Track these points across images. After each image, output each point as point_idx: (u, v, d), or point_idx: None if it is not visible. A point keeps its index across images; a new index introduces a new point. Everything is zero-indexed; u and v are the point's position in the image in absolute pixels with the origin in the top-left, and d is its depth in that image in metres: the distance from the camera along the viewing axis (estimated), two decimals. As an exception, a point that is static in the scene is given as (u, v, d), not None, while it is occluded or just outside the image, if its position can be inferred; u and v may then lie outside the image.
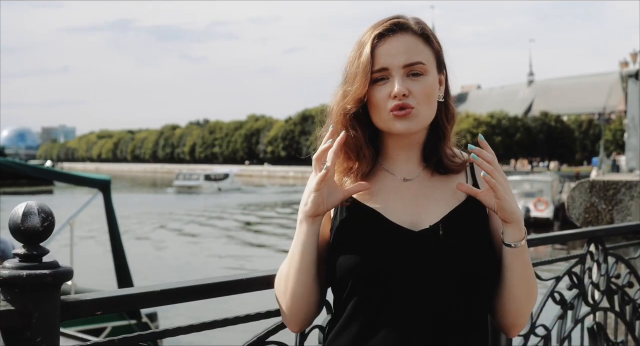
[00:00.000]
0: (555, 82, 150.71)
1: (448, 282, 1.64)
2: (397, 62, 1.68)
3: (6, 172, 10.84)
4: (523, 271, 1.70)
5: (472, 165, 1.81)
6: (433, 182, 1.77)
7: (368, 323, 1.65)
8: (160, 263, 21.97)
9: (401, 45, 1.69)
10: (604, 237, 3.24)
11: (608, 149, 74.05)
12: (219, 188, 67.73)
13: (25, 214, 1.39)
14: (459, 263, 1.64)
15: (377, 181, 1.76)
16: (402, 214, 1.70)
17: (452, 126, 1.80)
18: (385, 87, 1.69)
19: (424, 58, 1.70)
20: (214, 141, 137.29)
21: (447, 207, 1.72)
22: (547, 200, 35.50)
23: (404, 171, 1.77)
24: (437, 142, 1.78)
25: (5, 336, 1.39)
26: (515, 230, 1.66)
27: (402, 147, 1.77)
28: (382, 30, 1.70)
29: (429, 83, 1.70)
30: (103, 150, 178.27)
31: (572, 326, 3.04)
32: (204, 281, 1.76)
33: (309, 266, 1.69)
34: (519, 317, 1.75)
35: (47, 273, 1.38)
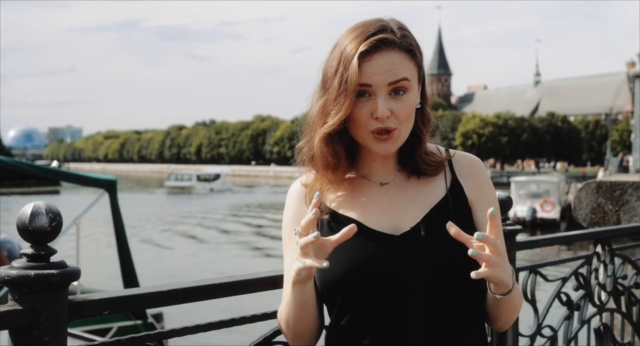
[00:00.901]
0: (562, 83, 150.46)
1: (436, 281, 1.63)
2: (382, 80, 1.63)
3: (13, 172, 10.87)
4: (508, 308, 1.68)
5: (450, 161, 1.78)
6: (410, 183, 1.74)
7: (362, 332, 1.64)
8: (162, 266, 21.99)
9: (386, 63, 1.63)
10: (610, 237, 3.24)
11: (615, 150, 73.82)
12: (210, 188, 67.00)
13: (33, 214, 1.39)
14: (444, 260, 1.63)
15: (354, 188, 1.74)
16: (382, 220, 1.69)
17: (428, 130, 1.76)
18: (367, 104, 1.64)
19: (408, 74, 1.65)
20: (220, 141, 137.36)
21: (427, 206, 1.70)
22: (553, 201, 35.44)
23: (379, 175, 1.75)
24: (413, 146, 1.74)
25: (13, 335, 1.39)
26: (499, 287, 1.60)
27: (379, 155, 1.73)
28: (368, 47, 1.63)
29: (410, 100, 1.66)
30: (109, 150, 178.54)
31: (578, 327, 3.04)
32: (211, 281, 1.77)
33: (309, 315, 1.68)
34: (506, 325, 1.77)
35: (54, 273, 1.38)
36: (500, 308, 1.67)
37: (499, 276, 1.53)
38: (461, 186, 1.74)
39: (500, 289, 1.60)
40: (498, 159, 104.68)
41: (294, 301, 1.65)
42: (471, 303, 1.69)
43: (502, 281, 1.56)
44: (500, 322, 1.74)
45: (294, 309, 1.67)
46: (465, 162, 1.79)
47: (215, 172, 73.95)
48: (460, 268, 1.62)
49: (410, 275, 1.62)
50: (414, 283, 1.62)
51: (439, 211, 1.69)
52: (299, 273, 1.58)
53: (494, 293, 1.62)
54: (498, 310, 1.69)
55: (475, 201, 1.74)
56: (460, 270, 1.62)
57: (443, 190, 1.73)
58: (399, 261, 1.62)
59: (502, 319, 1.72)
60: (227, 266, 21.71)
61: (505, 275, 1.55)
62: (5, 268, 1.39)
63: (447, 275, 1.63)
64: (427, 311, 1.62)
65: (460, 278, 1.63)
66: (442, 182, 1.74)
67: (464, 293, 1.66)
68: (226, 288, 1.79)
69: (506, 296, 1.62)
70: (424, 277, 1.62)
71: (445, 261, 1.63)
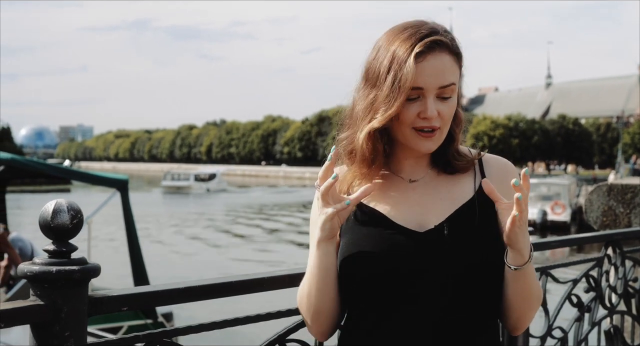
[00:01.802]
0: (573, 85, 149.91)
1: (454, 279, 1.66)
2: (433, 83, 1.66)
3: (26, 170, 10.92)
4: (522, 289, 1.69)
5: (481, 163, 1.81)
6: (439, 182, 1.77)
7: (377, 324, 1.67)
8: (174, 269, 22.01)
9: (439, 66, 1.67)
10: (621, 240, 3.25)
11: (626, 153, 73.50)
12: (207, 188, 66.11)
13: (55, 211, 1.42)
14: (464, 259, 1.65)
15: (384, 183, 1.77)
16: (408, 216, 1.72)
17: (461, 129, 1.80)
18: (415, 106, 1.67)
19: (455, 78, 1.70)
20: (231, 141, 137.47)
21: (453, 205, 1.73)
22: (564, 204, 35.33)
23: (410, 173, 1.78)
24: (446, 145, 1.77)
25: (35, 330, 1.42)
26: (516, 255, 1.63)
27: (412, 153, 1.77)
28: (423, 47, 1.66)
29: (453, 103, 1.71)
30: (120, 149, 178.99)
31: (589, 329, 3.05)
32: (227, 279, 1.80)
33: (330, 285, 1.71)
34: (520, 323, 1.77)
35: (76, 270, 1.41)
36: (516, 291, 1.69)
37: (518, 236, 1.58)
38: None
39: (517, 259, 1.63)
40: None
41: (319, 266, 1.69)
42: (486, 304, 1.71)
43: (520, 245, 1.60)
44: (515, 314, 1.74)
45: (317, 276, 1.69)
46: (497, 165, 1.82)
47: (210, 171, 73.13)
48: (479, 269, 1.66)
49: (429, 271, 1.65)
50: (432, 279, 1.65)
51: (465, 211, 1.71)
52: (324, 226, 1.64)
53: (510, 264, 1.64)
54: (514, 294, 1.69)
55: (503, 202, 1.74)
56: (478, 270, 1.66)
57: (471, 191, 1.76)
58: (421, 257, 1.65)
59: (517, 311, 1.72)
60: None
61: (524, 240, 1.60)
62: (27, 264, 1.42)
63: (466, 274, 1.66)
64: (443, 308, 1.65)
65: (477, 278, 1.66)
66: (471, 183, 1.77)
67: (480, 293, 1.68)
68: (242, 286, 1.82)
69: (522, 272, 1.64)
70: (442, 274, 1.65)
71: (465, 261, 1.66)
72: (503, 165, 1.82)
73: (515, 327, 1.79)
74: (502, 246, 1.67)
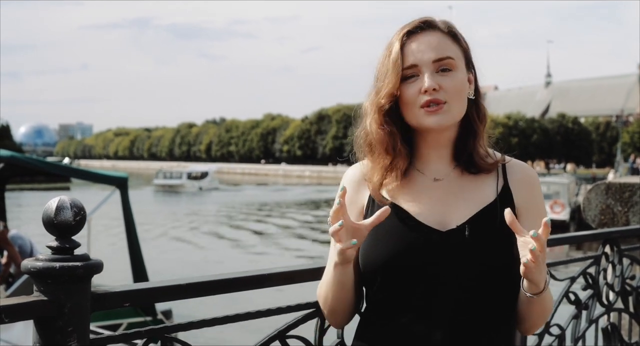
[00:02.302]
0: (573, 84, 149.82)
1: (471, 283, 1.70)
2: (426, 58, 1.72)
3: (25, 168, 10.92)
4: (536, 309, 1.74)
5: (504, 166, 1.84)
6: (463, 182, 1.80)
7: (394, 316, 1.72)
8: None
9: (430, 42, 1.73)
10: (619, 238, 3.26)
11: (625, 152, 73.48)
12: (200, 187, 65.11)
13: (58, 208, 1.44)
14: (482, 261, 1.70)
15: (409, 181, 1.80)
16: (431, 214, 1.75)
17: (484, 125, 1.83)
18: (416, 84, 1.72)
19: (453, 54, 1.74)
20: (230, 139, 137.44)
21: (475, 207, 1.76)
22: (563, 203, 35.33)
23: (434, 171, 1.81)
24: (468, 139, 1.80)
25: (39, 325, 1.44)
26: (531, 286, 1.67)
27: (433, 145, 1.80)
28: (411, 28, 1.74)
29: (458, 78, 1.74)
30: (120, 147, 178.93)
31: (586, 326, 3.06)
32: (227, 276, 1.81)
33: (346, 294, 1.79)
34: (531, 329, 1.84)
35: (79, 266, 1.43)
36: (530, 308, 1.74)
37: (534, 273, 1.60)
38: (511, 193, 1.80)
39: (532, 288, 1.66)
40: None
41: (334, 281, 1.76)
42: (501, 305, 1.75)
43: (535, 280, 1.63)
44: (527, 324, 1.80)
45: (333, 288, 1.78)
46: (520, 171, 1.85)
47: (203, 169, 72.24)
48: (496, 271, 1.70)
49: (448, 269, 1.69)
50: (451, 278, 1.69)
51: (486, 214, 1.75)
52: (337, 257, 1.69)
53: (525, 290, 1.68)
54: (528, 310, 1.75)
55: (523, 211, 1.79)
56: (495, 272, 1.70)
57: (493, 194, 1.78)
58: (440, 255, 1.70)
59: (530, 321, 1.79)
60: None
61: (540, 276, 1.62)
62: (31, 260, 1.44)
63: (483, 275, 1.70)
64: (459, 305, 1.69)
65: (493, 280, 1.71)
66: (494, 186, 1.80)
67: (495, 295, 1.72)
68: (243, 283, 1.84)
69: (536, 297, 1.68)
70: (460, 274, 1.69)
71: (483, 263, 1.70)
72: (527, 175, 1.85)
73: (527, 332, 1.86)
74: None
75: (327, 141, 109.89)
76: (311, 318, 1.95)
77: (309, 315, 1.95)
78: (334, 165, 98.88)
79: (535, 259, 1.55)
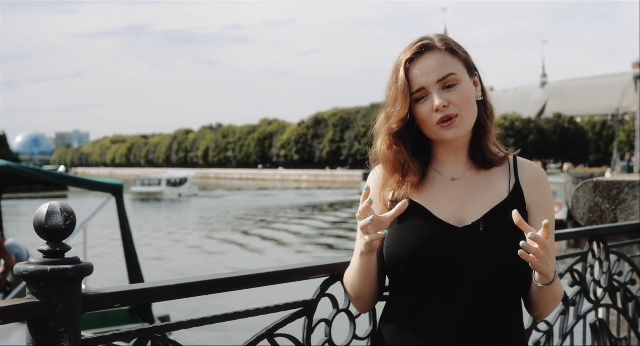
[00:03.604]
0: (568, 84, 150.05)
1: (486, 276, 1.85)
2: (431, 80, 1.88)
3: (21, 177, 10.96)
4: (547, 297, 1.92)
5: (515, 161, 2.01)
6: (478, 180, 1.96)
7: (415, 306, 1.88)
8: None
9: (431, 64, 1.89)
10: (605, 235, 3.32)
11: (622, 150, 73.65)
12: (179, 194, 62.82)
13: (49, 213, 1.49)
14: (497, 258, 1.85)
15: (428, 181, 1.96)
16: (448, 211, 1.91)
17: (492, 121, 2.01)
18: (427, 104, 1.88)
19: (454, 69, 1.90)
20: (227, 145, 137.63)
21: (490, 204, 1.91)
22: (560, 202, 35.38)
23: (452, 171, 1.97)
24: (481, 138, 1.97)
25: (31, 326, 1.49)
26: (542, 277, 1.84)
27: (451, 151, 1.96)
28: (411, 54, 1.90)
29: (464, 89, 1.89)
30: (117, 155, 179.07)
31: (574, 322, 3.11)
32: (217, 276, 1.87)
33: (371, 281, 1.96)
34: (543, 315, 2.04)
35: (69, 268, 1.48)
36: (541, 297, 1.92)
37: (541, 267, 1.78)
38: (522, 191, 1.96)
39: (542, 280, 1.84)
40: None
41: (361, 269, 1.92)
42: (514, 295, 1.92)
43: (544, 273, 1.81)
44: (538, 311, 1.99)
45: (359, 276, 1.94)
46: (530, 170, 2.01)
47: (181, 175, 69.48)
48: (509, 264, 1.85)
49: (464, 262, 1.85)
50: (465, 270, 1.85)
51: (499, 211, 1.90)
52: (363, 248, 1.84)
53: (536, 281, 1.85)
54: (539, 298, 1.92)
55: (533, 207, 1.96)
56: (508, 265, 1.85)
57: (505, 192, 1.95)
58: (457, 249, 1.85)
59: (541, 308, 1.97)
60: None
61: (548, 269, 1.80)
62: (23, 264, 1.49)
63: (497, 268, 1.85)
64: (475, 298, 1.85)
65: (506, 272, 1.86)
66: (506, 184, 1.96)
67: (509, 286, 1.89)
68: (233, 283, 1.89)
69: (547, 287, 1.85)
70: (476, 266, 1.85)
71: (497, 256, 1.85)
72: (537, 174, 2.01)
73: (540, 317, 2.07)
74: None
75: (324, 145, 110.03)
76: (299, 317, 2.01)
77: (297, 314, 2.01)
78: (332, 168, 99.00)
79: (538, 257, 1.73)
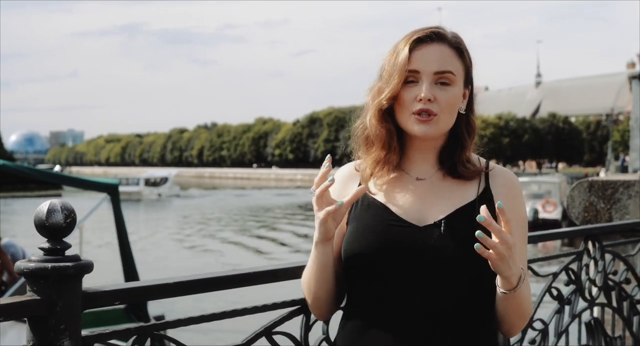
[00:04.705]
0: (563, 83, 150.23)
1: (446, 278, 1.75)
2: (429, 68, 1.81)
3: (15, 176, 10.92)
4: (512, 307, 1.78)
5: (487, 174, 1.90)
6: (445, 183, 1.87)
7: (373, 308, 1.78)
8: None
9: (436, 53, 1.82)
10: (600, 234, 3.33)
11: (616, 150, 73.76)
12: (159, 194, 59.49)
13: (49, 211, 1.50)
14: (457, 260, 1.75)
15: (393, 179, 1.88)
16: (410, 210, 1.83)
17: (472, 139, 1.91)
18: (414, 89, 1.81)
19: (454, 69, 1.83)
20: (222, 144, 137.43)
21: (454, 205, 1.82)
22: (555, 202, 35.46)
23: (418, 171, 1.89)
24: (455, 150, 1.88)
25: (32, 323, 1.50)
26: (504, 282, 1.72)
27: (419, 149, 1.88)
28: (422, 35, 1.83)
29: (454, 93, 1.83)
30: (111, 154, 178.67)
31: (569, 321, 3.12)
32: (214, 274, 1.88)
33: (328, 278, 1.85)
34: (512, 331, 1.88)
35: (69, 266, 1.49)
36: (507, 307, 1.78)
37: (502, 268, 1.66)
38: (492, 195, 1.86)
39: (505, 285, 1.72)
40: (499, 160, 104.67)
41: (317, 263, 1.83)
42: (478, 300, 1.79)
43: (505, 275, 1.68)
44: (506, 325, 1.84)
45: (316, 271, 1.84)
46: (502, 176, 1.91)
47: (162, 174, 65.50)
48: (471, 267, 1.75)
49: (423, 263, 1.75)
50: (426, 272, 1.75)
51: (463, 212, 1.81)
52: (320, 229, 1.76)
53: (499, 287, 1.74)
54: (504, 309, 1.79)
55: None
56: (469, 268, 1.75)
57: (473, 195, 1.85)
58: (417, 250, 1.76)
59: (509, 322, 1.83)
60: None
61: (509, 271, 1.67)
62: (23, 262, 1.50)
63: (457, 271, 1.75)
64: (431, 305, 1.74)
65: (468, 276, 1.76)
66: (475, 188, 1.87)
67: (471, 290, 1.77)
68: (230, 281, 1.91)
69: (511, 294, 1.73)
70: (436, 269, 1.75)
71: (456, 258, 1.75)
72: (510, 177, 1.92)
73: (508, 333, 1.90)
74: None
75: (318, 144, 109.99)
76: (297, 315, 2.02)
77: (294, 311, 2.01)
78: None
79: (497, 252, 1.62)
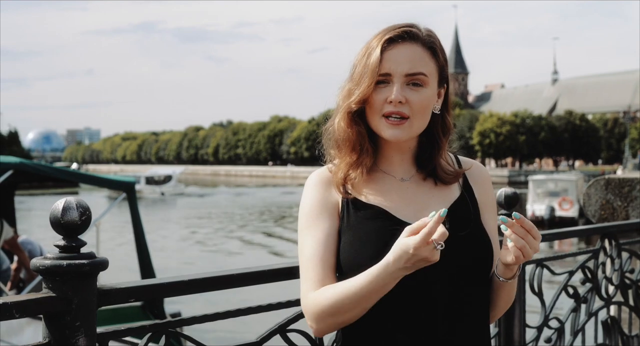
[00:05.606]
0: (579, 81, 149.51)
1: (458, 276, 1.74)
2: (400, 70, 1.75)
3: (33, 174, 10.99)
4: (505, 295, 1.84)
5: (458, 160, 1.91)
6: (428, 182, 1.86)
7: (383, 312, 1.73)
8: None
9: (407, 54, 1.76)
10: (617, 232, 3.31)
11: (634, 148, 73.31)
12: (161, 192, 58.46)
13: (65, 209, 1.50)
14: (465, 252, 1.75)
15: (377, 181, 1.84)
16: (407, 211, 1.79)
17: (447, 139, 1.87)
18: (384, 91, 1.76)
19: (426, 70, 1.77)
20: (238, 142, 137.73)
21: (447, 201, 1.82)
22: (572, 199, 35.31)
23: (400, 172, 1.86)
24: (432, 150, 1.85)
25: (48, 320, 1.50)
26: (506, 271, 1.75)
27: (395, 149, 1.84)
28: (393, 35, 1.77)
29: (426, 95, 1.77)
30: (127, 151, 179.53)
31: (585, 320, 3.11)
32: (229, 272, 1.88)
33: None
34: (497, 315, 1.93)
35: (85, 263, 1.49)
36: (499, 294, 1.83)
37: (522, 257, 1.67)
38: (472, 189, 1.88)
39: (506, 273, 1.75)
40: (516, 158, 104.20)
41: (381, 292, 1.65)
42: (485, 295, 1.82)
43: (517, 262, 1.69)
44: (495, 311, 1.88)
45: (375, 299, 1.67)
46: (477, 168, 1.92)
47: (166, 173, 64.21)
48: (479, 260, 1.77)
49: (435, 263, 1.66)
50: (438, 271, 1.69)
51: (457, 208, 1.80)
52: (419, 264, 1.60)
53: (499, 275, 1.76)
54: (497, 296, 1.84)
55: (482, 203, 1.88)
56: (478, 261, 1.77)
57: (457, 190, 1.86)
58: None
59: (497, 308, 1.87)
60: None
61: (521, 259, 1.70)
62: (39, 259, 1.50)
63: (468, 266, 1.75)
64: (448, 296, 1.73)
65: (477, 269, 1.77)
66: (456, 184, 1.88)
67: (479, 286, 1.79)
68: (246, 278, 1.90)
69: (507, 282, 1.77)
70: (448, 266, 1.71)
71: (465, 254, 1.75)
72: (482, 170, 1.94)
73: (492, 319, 1.92)
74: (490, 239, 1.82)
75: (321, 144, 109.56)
76: (311, 313, 2.01)
77: (309, 309, 2.01)
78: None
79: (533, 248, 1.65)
